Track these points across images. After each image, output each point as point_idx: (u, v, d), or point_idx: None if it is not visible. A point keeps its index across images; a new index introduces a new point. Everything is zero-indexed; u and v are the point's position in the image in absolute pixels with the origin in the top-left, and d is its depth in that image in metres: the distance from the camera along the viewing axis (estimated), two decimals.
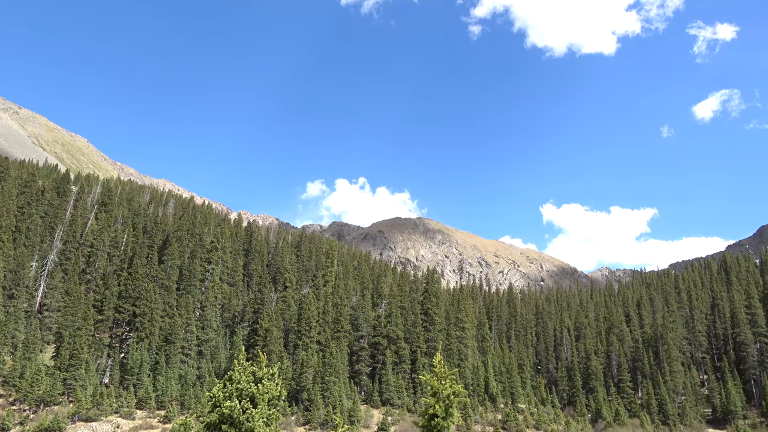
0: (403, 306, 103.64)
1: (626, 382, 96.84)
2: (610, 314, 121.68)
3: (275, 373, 17.72)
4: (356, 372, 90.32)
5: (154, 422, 69.08)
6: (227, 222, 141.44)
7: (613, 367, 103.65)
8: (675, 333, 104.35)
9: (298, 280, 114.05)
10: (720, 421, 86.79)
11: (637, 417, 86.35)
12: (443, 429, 16.07)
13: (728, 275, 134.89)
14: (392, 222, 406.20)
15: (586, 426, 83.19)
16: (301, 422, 72.87)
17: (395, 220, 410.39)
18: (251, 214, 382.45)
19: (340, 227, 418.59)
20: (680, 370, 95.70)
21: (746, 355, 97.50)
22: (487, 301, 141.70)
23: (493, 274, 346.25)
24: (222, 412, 15.85)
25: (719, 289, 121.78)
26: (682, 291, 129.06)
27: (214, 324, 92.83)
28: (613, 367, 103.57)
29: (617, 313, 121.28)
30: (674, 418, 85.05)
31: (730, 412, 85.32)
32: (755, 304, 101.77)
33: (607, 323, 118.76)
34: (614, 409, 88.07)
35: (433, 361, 17.12)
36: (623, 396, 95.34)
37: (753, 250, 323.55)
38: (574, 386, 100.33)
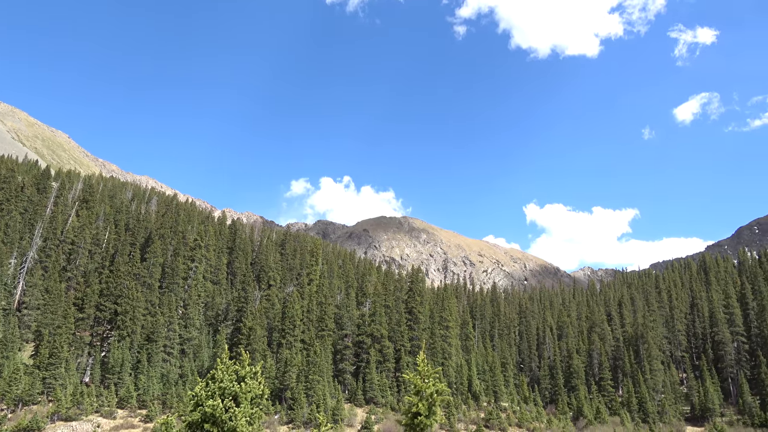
0: (388, 305, 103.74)
1: (607, 381, 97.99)
2: (591, 313, 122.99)
3: (258, 372, 17.67)
4: (340, 371, 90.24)
5: (135, 421, 68.39)
6: (211, 220, 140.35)
7: (594, 365, 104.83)
8: (655, 332, 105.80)
9: (282, 278, 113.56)
10: (698, 418, 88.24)
11: (618, 415, 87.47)
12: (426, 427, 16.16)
13: (707, 275, 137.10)
14: (377, 221, 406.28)
15: (568, 424, 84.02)
16: (284, 421, 72.64)
17: (380, 219, 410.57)
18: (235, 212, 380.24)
19: (324, 226, 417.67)
20: (660, 369, 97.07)
21: (724, 353, 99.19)
22: (471, 300, 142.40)
23: (477, 273, 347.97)
24: (204, 411, 15.77)
25: (698, 289, 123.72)
26: (662, 291, 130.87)
27: (197, 322, 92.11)
28: (594, 366, 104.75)
29: (599, 312, 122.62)
30: (654, 416, 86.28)
31: (708, 410, 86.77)
32: (733, 304, 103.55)
33: (589, 322, 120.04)
34: (595, 407, 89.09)
35: (417, 359, 17.20)
36: (604, 394, 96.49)
37: (731, 250, 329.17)
38: (557, 384, 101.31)
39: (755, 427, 78.16)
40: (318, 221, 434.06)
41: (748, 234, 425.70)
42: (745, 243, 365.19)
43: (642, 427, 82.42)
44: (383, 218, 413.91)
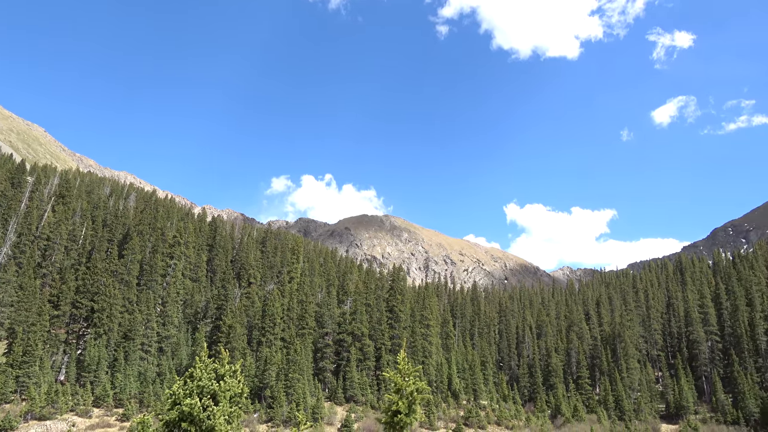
0: (369, 303, 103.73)
1: (585, 379, 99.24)
2: (570, 312, 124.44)
3: (237, 370, 17.50)
4: (320, 369, 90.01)
5: (111, 420, 67.41)
6: (191, 216, 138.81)
7: (572, 364, 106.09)
8: (632, 331, 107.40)
9: (262, 276, 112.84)
10: (673, 416, 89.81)
11: (595, 413, 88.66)
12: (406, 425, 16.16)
13: (683, 276, 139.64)
14: (359, 219, 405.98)
15: (546, 422, 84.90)
16: (263, 419, 72.22)
17: (362, 218, 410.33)
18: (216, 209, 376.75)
19: (306, 223, 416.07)
20: (636, 367, 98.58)
21: (698, 352, 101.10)
22: (452, 299, 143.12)
23: (458, 272, 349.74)
24: (182, 409, 15.56)
25: (674, 289, 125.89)
26: (639, 290, 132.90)
27: (176, 320, 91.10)
28: (572, 364, 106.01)
29: (577, 311, 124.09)
30: (630, 413, 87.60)
31: (683, 408, 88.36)
32: (707, 304, 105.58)
33: (568, 321, 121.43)
34: (573, 405, 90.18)
35: (398, 358, 17.19)
36: (582, 392, 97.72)
37: (706, 251, 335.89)
38: (535, 383, 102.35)
39: (727, 425, 79.81)
40: (299, 219, 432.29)
41: (722, 235, 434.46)
42: (719, 244, 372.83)
43: (618, 425, 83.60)
44: (365, 217, 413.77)
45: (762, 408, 79.34)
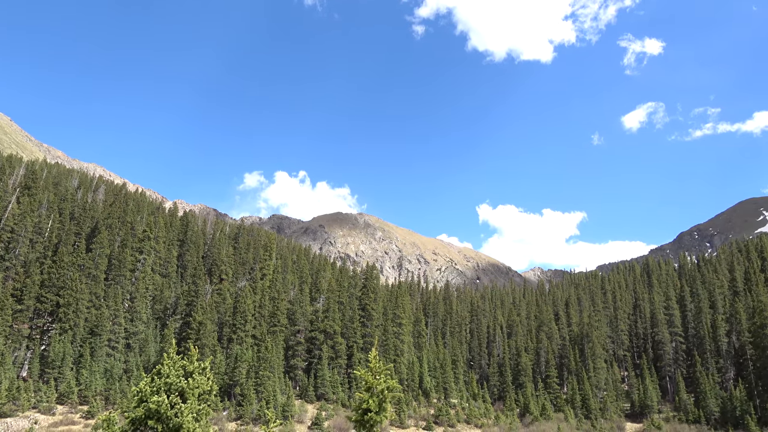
0: (342, 301, 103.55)
1: (553, 378, 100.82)
2: (540, 313, 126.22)
3: (207, 368, 17.29)
4: (292, 367, 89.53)
5: (76, 418, 65.89)
6: (161, 211, 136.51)
7: (541, 363, 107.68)
8: (600, 331, 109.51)
9: (234, 272, 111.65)
10: (637, 415, 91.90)
11: (562, 411, 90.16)
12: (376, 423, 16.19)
13: (650, 278, 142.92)
14: (333, 217, 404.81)
15: (515, 420, 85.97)
16: (233, 417, 71.49)
17: (336, 215, 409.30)
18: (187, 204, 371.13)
19: (280, 220, 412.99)
20: (603, 367, 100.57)
21: (663, 353, 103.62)
22: (425, 298, 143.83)
23: (431, 271, 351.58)
24: (149, 407, 15.31)
25: (641, 291, 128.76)
26: (607, 292, 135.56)
27: (144, 316, 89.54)
28: (541, 364, 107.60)
29: (547, 311, 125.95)
30: (596, 412, 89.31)
31: (647, 407, 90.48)
32: (673, 306, 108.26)
33: (538, 321, 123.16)
34: (541, 403, 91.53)
35: (369, 356, 17.21)
36: (550, 391, 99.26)
37: (673, 254, 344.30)
38: (505, 382, 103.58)
39: (689, 423, 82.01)
40: (273, 216, 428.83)
41: (688, 239, 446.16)
42: (685, 248, 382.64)
43: (584, 423, 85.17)
44: (339, 214, 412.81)
45: (722, 407, 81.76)
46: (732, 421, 78.09)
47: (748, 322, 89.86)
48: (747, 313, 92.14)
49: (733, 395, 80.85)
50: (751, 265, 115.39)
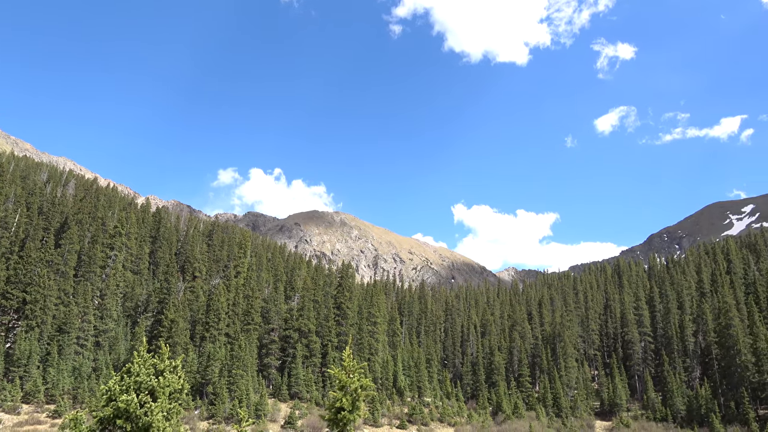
0: (317, 299, 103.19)
1: (525, 377, 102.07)
2: (514, 312, 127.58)
3: (178, 366, 17.05)
4: (265, 365, 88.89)
5: (42, 417, 64.35)
6: (134, 206, 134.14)
7: (514, 362, 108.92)
8: (571, 331, 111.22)
9: (208, 270, 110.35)
10: (607, 413, 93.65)
11: (534, 410, 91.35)
12: (349, 422, 16.19)
13: (621, 279, 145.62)
14: (309, 215, 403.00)
15: (487, 418, 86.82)
16: (205, 416, 70.68)
17: (312, 213, 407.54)
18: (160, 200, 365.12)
19: (255, 217, 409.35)
20: (574, 366, 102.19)
21: (632, 352, 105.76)
22: (400, 297, 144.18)
23: (406, 270, 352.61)
24: (117, 406, 15.03)
25: (612, 292, 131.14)
26: (579, 292, 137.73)
27: (115, 314, 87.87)
28: (514, 363, 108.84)
29: (521, 311, 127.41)
30: (567, 410, 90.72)
31: (616, 405, 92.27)
32: (642, 306, 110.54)
33: (511, 321, 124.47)
34: (513, 402, 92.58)
35: (343, 355, 17.19)
36: (522, 390, 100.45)
37: (643, 256, 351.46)
38: (478, 380, 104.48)
39: (657, 421, 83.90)
40: (248, 213, 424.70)
41: (658, 241, 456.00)
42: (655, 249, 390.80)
43: (555, 422, 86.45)
44: (315, 212, 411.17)
45: (688, 406, 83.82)
46: (697, 419, 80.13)
47: (713, 322, 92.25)
48: (713, 313, 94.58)
49: (699, 394, 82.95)
50: (718, 267, 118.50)
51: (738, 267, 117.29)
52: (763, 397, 78.92)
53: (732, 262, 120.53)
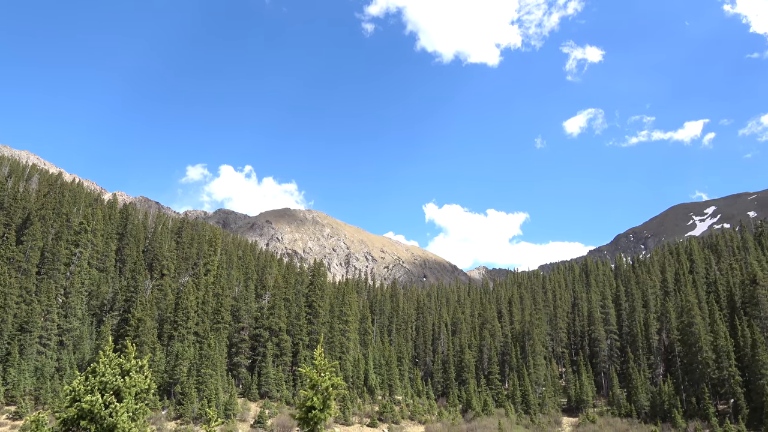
0: (288, 298, 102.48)
1: (495, 375, 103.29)
2: (484, 311, 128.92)
3: (145, 366, 16.74)
4: (235, 364, 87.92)
5: (1, 419, 62.44)
6: (100, 202, 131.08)
7: (484, 360, 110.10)
8: (540, 329, 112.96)
9: (177, 268, 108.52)
10: (574, 409, 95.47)
11: (503, 407, 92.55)
12: (320, 421, 16.13)
13: (588, 278, 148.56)
14: (281, 212, 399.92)
15: (457, 416, 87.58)
16: (172, 416, 69.53)
17: (284, 211, 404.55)
18: (128, 196, 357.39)
19: (225, 215, 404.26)
20: (543, 364, 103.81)
21: (599, 350, 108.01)
22: (372, 295, 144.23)
23: (378, 268, 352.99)
24: (81, 406, 14.67)
25: (580, 290, 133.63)
26: (548, 291, 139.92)
27: (79, 312, 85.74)
28: (484, 360, 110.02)
29: (491, 309, 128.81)
30: (535, 407, 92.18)
31: (583, 402, 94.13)
32: (609, 305, 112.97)
33: (482, 319, 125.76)
34: (483, 399, 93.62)
35: (315, 353, 17.12)
36: (492, 387, 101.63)
37: (610, 255, 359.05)
38: (449, 378, 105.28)
39: (621, 417, 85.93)
40: (218, 210, 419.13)
41: (624, 241, 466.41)
42: (621, 249, 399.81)
43: (524, 418, 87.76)
44: (287, 210, 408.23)
45: (651, 401, 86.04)
46: (660, 414, 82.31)
47: (677, 320, 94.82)
48: (676, 312, 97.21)
49: (662, 390, 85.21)
50: (681, 266, 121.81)
51: (700, 267, 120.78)
52: (722, 393, 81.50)
53: (694, 262, 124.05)
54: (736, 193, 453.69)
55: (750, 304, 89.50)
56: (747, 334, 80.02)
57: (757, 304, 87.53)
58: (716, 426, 71.02)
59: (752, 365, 75.76)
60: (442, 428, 78.08)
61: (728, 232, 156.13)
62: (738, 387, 76.78)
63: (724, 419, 74.71)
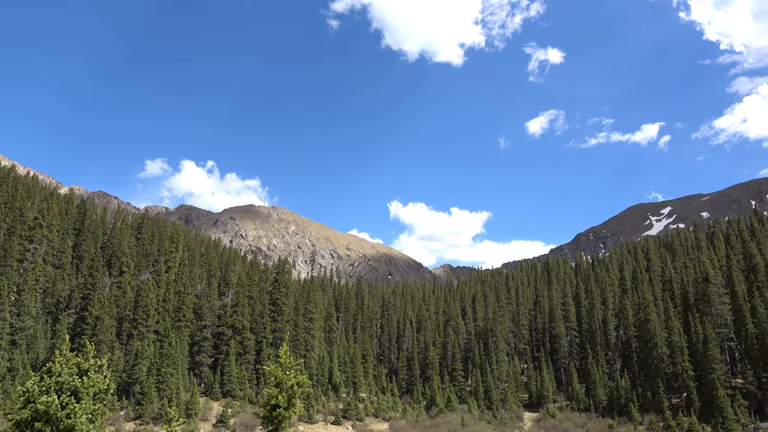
0: (252, 296, 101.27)
1: (459, 371, 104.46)
2: (448, 308, 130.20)
3: (104, 365, 16.29)
4: (197, 363, 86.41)
5: None
6: (56, 197, 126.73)
7: (448, 357, 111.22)
8: (503, 326, 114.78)
9: (137, 264, 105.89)
10: (535, 404, 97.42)
11: (466, 403, 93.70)
12: (284, 419, 16.02)
13: (549, 276, 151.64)
14: (245, 209, 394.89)
15: (421, 412, 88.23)
16: (131, 417, 67.87)
17: (249, 208, 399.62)
18: (86, 190, 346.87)
19: (188, 211, 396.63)
20: (505, 360, 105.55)
21: (559, 346, 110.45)
22: (337, 293, 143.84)
23: (344, 266, 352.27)
24: (36, 408, 14.17)
25: (542, 288, 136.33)
26: (511, 288, 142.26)
27: (33, 310, 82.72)
28: (448, 357, 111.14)
29: (455, 307, 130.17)
30: (497, 403, 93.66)
31: (543, 397, 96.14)
32: (569, 302, 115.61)
33: (446, 316, 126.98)
34: (447, 396, 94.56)
35: (279, 352, 16.98)
36: (455, 384, 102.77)
37: (570, 254, 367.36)
38: (413, 375, 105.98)
39: (580, 412, 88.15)
40: (181, 206, 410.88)
41: (584, 240, 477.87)
42: (582, 248, 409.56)
43: (486, 414, 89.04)
44: (252, 207, 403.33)
45: (609, 396, 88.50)
46: (617, 408, 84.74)
47: (633, 317, 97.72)
48: (633, 309, 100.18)
49: (619, 385, 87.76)
50: (638, 265, 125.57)
51: (656, 265, 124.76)
52: (676, 387, 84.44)
53: (651, 261, 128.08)
54: (691, 195, 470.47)
55: (702, 301, 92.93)
56: (699, 330, 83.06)
57: (709, 302, 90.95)
58: (670, 419, 73.54)
59: (704, 360, 78.72)
60: (406, 425, 78.50)
61: (683, 232, 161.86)
62: (690, 381, 79.67)
63: (677, 412, 77.47)
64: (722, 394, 70.88)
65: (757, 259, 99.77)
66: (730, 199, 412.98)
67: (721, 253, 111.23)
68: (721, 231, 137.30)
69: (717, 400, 70.38)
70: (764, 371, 76.44)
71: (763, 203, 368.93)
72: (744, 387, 78.28)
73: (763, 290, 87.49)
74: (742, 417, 70.82)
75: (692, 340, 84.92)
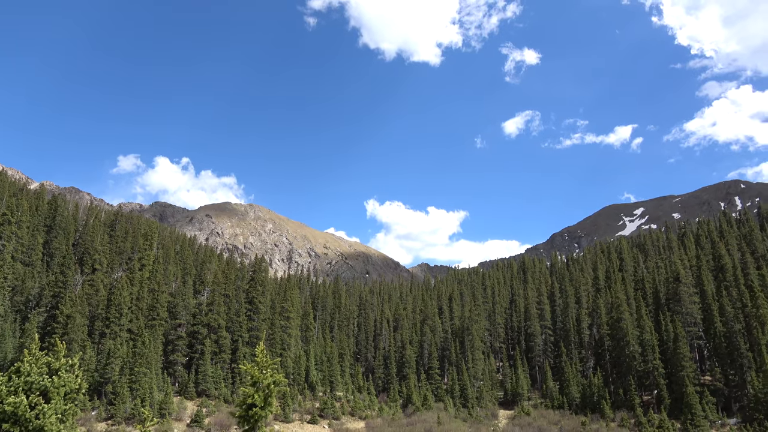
0: (227, 294, 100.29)
1: (435, 370, 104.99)
2: (425, 307, 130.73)
3: (75, 364, 15.96)
4: (171, 362, 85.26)
5: None
6: (26, 192, 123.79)
7: (425, 355, 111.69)
8: (479, 325, 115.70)
9: (110, 262, 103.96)
10: (510, 402, 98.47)
11: (443, 401, 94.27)
12: (261, 418, 15.91)
13: (525, 275, 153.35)
14: (221, 206, 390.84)
15: (398, 411, 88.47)
16: (103, 417, 66.66)
17: (225, 205, 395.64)
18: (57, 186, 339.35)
19: (162, 208, 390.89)
20: (481, 358, 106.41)
21: (534, 344, 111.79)
22: (314, 292, 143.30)
23: (321, 264, 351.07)
24: (4, 409, 13.83)
25: (517, 287, 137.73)
26: (487, 287, 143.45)
27: (1, 309, 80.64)
28: (425, 356, 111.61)
29: (432, 305, 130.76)
30: (473, 401, 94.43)
31: (518, 395, 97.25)
32: (544, 301, 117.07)
33: (423, 315, 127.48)
34: (423, 394, 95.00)
35: (256, 350, 16.85)
36: (432, 382, 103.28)
37: (546, 253, 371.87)
38: (390, 374, 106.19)
39: (554, 409, 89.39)
40: (155, 203, 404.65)
41: (559, 240, 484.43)
42: (557, 247, 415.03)
43: (462, 412, 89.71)
44: (228, 204, 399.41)
45: (582, 393, 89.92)
46: (590, 405, 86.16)
47: (606, 316, 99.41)
48: (606, 308, 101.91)
49: (592, 382, 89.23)
50: (612, 265, 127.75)
51: (629, 265, 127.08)
52: (647, 384, 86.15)
53: (624, 261, 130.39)
54: (663, 196, 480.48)
55: (673, 300, 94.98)
56: (670, 328, 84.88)
57: (679, 301, 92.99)
58: (641, 415, 75.02)
59: (674, 358, 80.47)
60: (382, 423, 78.64)
61: (655, 232, 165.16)
62: (661, 379, 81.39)
63: (648, 409, 79.06)
64: (691, 391, 72.53)
65: (725, 260, 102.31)
66: (701, 201, 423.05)
67: (691, 254, 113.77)
68: (691, 232, 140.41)
69: (686, 397, 72.00)
70: (731, 369, 78.46)
71: (732, 205, 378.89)
72: (712, 384, 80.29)
73: (731, 290, 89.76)
74: (710, 413, 72.62)
75: (663, 338, 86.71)
